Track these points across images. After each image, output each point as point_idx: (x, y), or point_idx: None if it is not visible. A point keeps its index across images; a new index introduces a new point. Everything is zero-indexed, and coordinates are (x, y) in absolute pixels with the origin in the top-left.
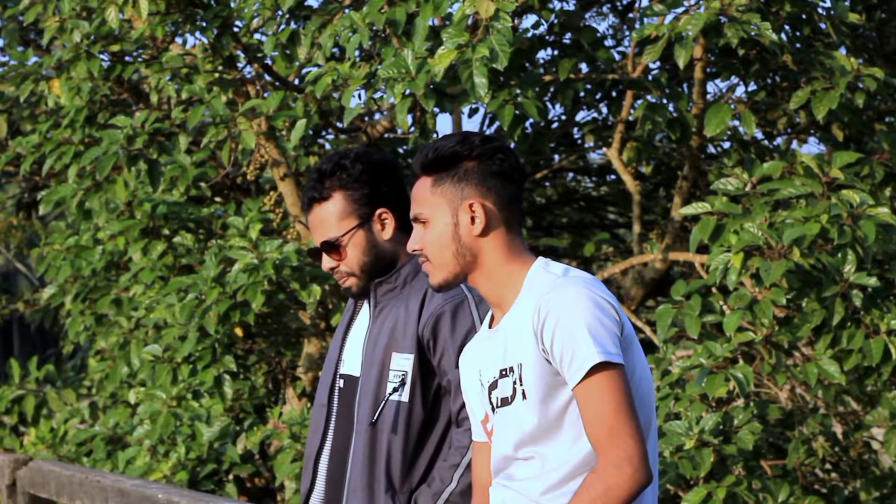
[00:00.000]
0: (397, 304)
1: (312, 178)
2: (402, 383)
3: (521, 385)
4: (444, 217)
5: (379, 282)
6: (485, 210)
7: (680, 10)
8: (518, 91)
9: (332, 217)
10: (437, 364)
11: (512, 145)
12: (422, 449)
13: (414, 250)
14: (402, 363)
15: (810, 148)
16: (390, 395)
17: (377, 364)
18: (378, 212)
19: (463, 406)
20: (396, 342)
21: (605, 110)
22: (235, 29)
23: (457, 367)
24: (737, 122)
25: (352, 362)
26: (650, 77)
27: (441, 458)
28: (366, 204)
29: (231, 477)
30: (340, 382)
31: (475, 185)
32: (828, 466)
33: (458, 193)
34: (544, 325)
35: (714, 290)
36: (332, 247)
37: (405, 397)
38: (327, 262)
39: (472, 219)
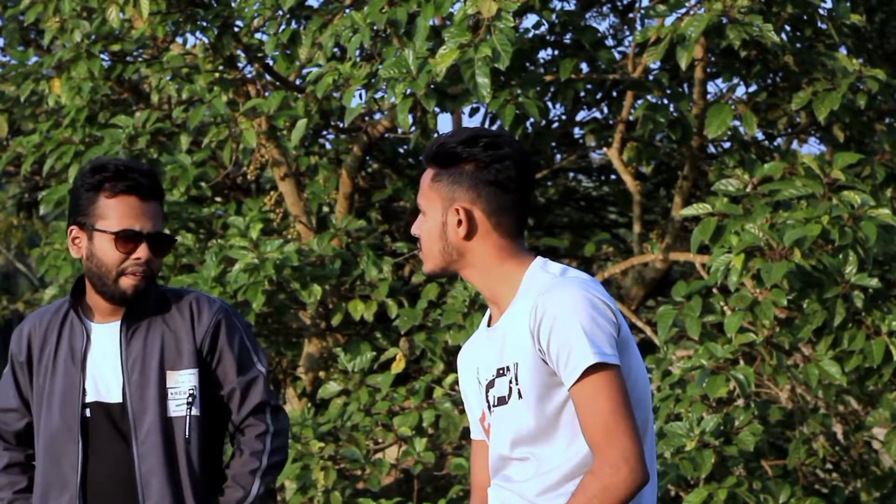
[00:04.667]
0: (153, 326)
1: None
2: (193, 397)
3: (517, 384)
4: (435, 213)
5: (130, 310)
6: (470, 216)
7: (681, 11)
8: (519, 91)
9: None
10: (213, 371)
11: None
12: (212, 461)
13: (416, 235)
14: (186, 379)
15: (810, 148)
16: (191, 412)
17: (152, 385)
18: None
19: (251, 414)
20: (170, 361)
21: (605, 110)
22: (236, 29)
23: (239, 374)
24: (737, 123)
25: (103, 390)
26: (651, 77)
27: (229, 468)
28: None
29: None
30: (86, 412)
31: (466, 190)
32: (828, 467)
33: (451, 194)
34: (541, 325)
35: (715, 290)
36: None
37: (197, 411)
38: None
39: (459, 221)
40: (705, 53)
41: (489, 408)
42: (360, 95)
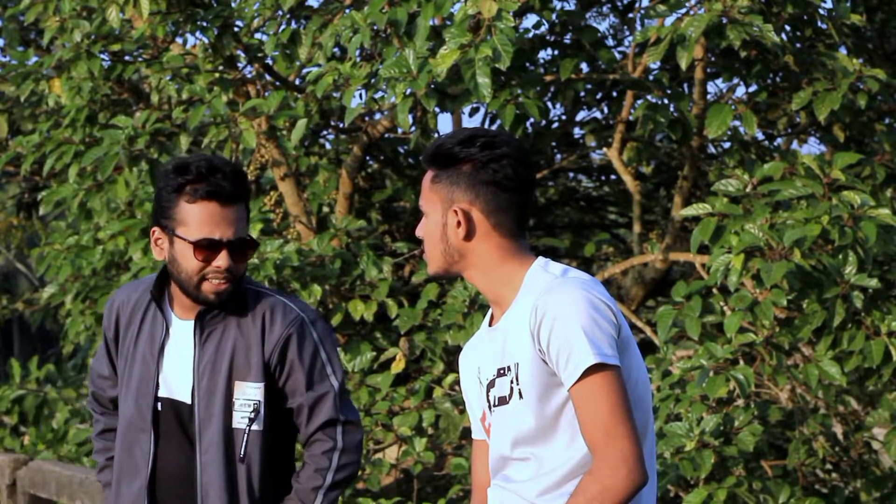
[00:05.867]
0: (227, 330)
1: None
2: (256, 412)
3: (518, 384)
4: (436, 214)
5: (205, 309)
6: (469, 217)
7: (681, 11)
8: (519, 91)
9: None
10: (282, 386)
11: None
12: (276, 473)
13: (420, 237)
14: (253, 392)
15: (810, 148)
16: (250, 427)
17: (219, 393)
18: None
19: (319, 429)
20: (239, 371)
21: (605, 110)
22: (236, 29)
23: (308, 389)
24: (737, 123)
25: (174, 387)
26: (651, 77)
27: (295, 480)
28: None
29: None
30: (158, 405)
31: (464, 190)
32: (828, 467)
33: (449, 195)
34: (541, 326)
35: (715, 290)
36: None
37: (260, 426)
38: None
39: (458, 223)
40: (705, 53)
41: (490, 407)
42: (360, 95)
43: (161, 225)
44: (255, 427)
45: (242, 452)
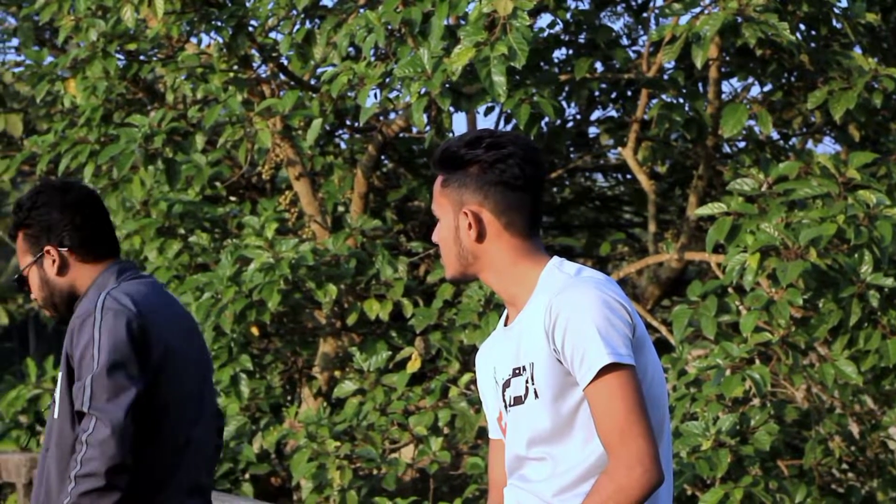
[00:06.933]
0: None
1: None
2: (53, 402)
3: (533, 384)
4: (448, 218)
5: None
6: (479, 218)
7: (696, 10)
8: (534, 90)
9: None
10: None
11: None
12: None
13: (436, 242)
14: (59, 383)
15: (825, 148)
16: (52, 415)
17: (55, 391)
18: (46, 248)
19: (78, 420)
20: (61, 365)
21: (620, 109)
22: (251, 28)
23: (78, 379)
24: (752, 122)
25: None
26: (666, 76)
27: None
28: (36, 243)
29: (247, 476)
30: None
31: (472, 192)
32: (844, 466)
33: (459, 198)
34: (555, 326)
35: (730, 290)
36: (20, 281)
37: (56, 415)
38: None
39: (470, 224)
40: (720, 52)
41: (506, 407)
42: (375, 95)
43: None
44: (50, 416)
45: (48, 438)
